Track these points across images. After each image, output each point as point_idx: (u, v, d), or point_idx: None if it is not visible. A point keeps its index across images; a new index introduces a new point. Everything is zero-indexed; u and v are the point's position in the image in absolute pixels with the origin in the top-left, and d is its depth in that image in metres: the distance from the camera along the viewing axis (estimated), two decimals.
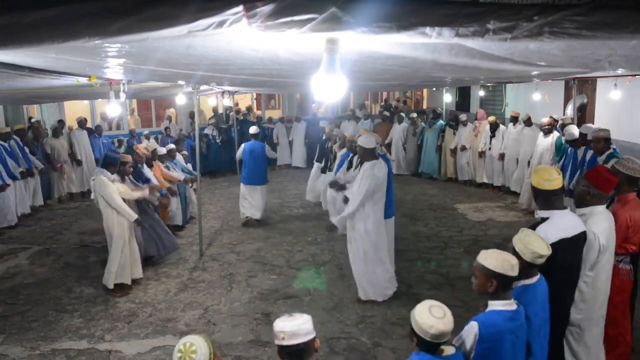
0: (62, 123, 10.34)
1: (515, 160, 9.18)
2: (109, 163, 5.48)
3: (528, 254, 2.55)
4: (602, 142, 5.57)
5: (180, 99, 9.77)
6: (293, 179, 12.07)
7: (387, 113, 13.45)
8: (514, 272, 2.37)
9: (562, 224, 2.89)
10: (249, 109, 15.00)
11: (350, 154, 6.84)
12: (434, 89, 15.72)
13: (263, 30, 1.65)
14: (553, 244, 2.71)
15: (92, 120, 12.47)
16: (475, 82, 8.43)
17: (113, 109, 6.03)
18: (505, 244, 2.79)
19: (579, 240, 2.96)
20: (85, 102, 12.55)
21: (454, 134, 10.78)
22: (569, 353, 3.22)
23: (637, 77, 6.56)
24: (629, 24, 1.63)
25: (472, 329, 2.36)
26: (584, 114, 9.13)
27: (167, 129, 11.69)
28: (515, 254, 2.53)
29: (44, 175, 9.37)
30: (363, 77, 4.67)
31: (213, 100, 13.02)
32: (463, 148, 10.47)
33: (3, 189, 7.74)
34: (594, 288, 3.13)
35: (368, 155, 5.02)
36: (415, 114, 12.35)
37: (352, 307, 5.10)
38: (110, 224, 5.35)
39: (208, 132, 12.25)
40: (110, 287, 5.46)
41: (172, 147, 8.21)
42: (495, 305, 2.41)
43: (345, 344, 4.40)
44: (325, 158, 8.51)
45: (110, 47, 2.52)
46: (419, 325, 2.17)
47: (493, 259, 2.38)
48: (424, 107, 17.36)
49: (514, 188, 9.28)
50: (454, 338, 2.45)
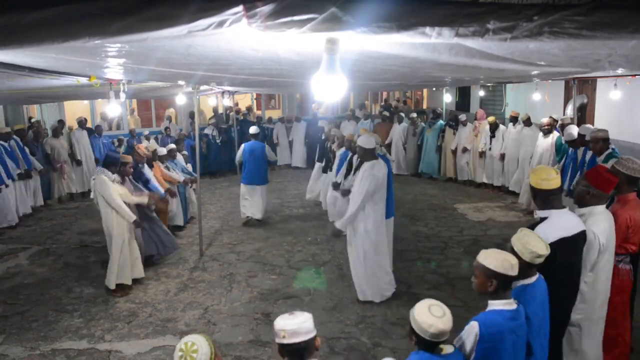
0: (62, 123, 10.35)
1: (516, 161, 9.18)
2: (110, 163, 5.48)
3: (527, 254, 2.55)
4: (600, 142, 5.56)
5: (180, 99, 9.76)
6: (293, 179, 12.07)
7: (387, 113, 13.42)
8: (514, 271, 2.37)
9: (561, 224, 2.89)
10: (249, 109, 14.99)
11: (349, 153, 6.84)
12: (434, 89, 15.70)
13: (263, 30, 1.65)
14: (552, 244, 2.71)
15: (92, 120, 12.47)
16: (475, 82, 8.42)
17: (113, 109, 6.03)
18: (505, 244, 2.78)
19: (579, 240, 2.95)
20: (85, 102, 12.54)
21: (454, 134, 10.76)
22: (569, 353, 3.22)
23: (637, 77, 6.55)
24: (629, 24, 1.63)
25: (472, 329, 2.36)
26: (584, 114, 9.11)
27: (167, 129, 11.68)
28: (514, 254, 2.53)
29: (44, 176, 9.38)
30: (363, 76, 4.67)
31: (213, 100, 13.01)
32: (464, 150, 10.44)
33: None
34: (594, 288, 3.13)
35: (367, 156, 5.03)
36: (415, 114, 12.34)
37: (352, 307, 5.11)
38: (110, 224, 5.36)
39: (208, 132, 12.25)
40: (112, 287, 5.46)
41: (172, 147, 8.22)
42: (496, 305, 2.42)
43: (345, 344, 4.41)
44: (326, 158, 8.51)
45: (110, 47, 2.52)
46: (419, 324, 2.17)
47: (493, 259, 2.38)
48: (424, 107, 17.34)
49: (513, 188, 9.28)
50: (455, 338, 2.45)
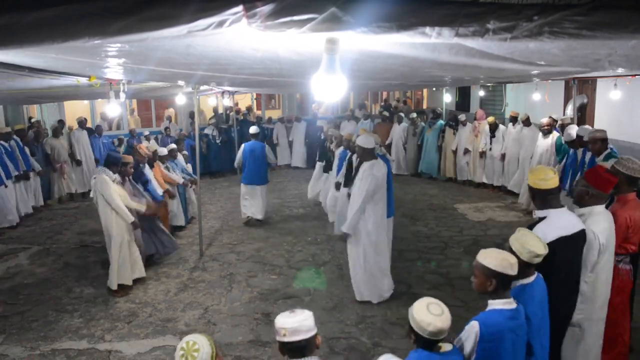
0: (62, 123, 10.35)
1: (516, 161, 9.17)
2: (111, 162, 5.48)
3: (525, 254, 2.55)
4: (598, 143, 5.56)
5: (180, 99, 9.76)
6: (293, 179, 12.07)
7: (386, 113, 13.41)
8: (514, 271, 2.38)
9: (559, 223, 2.89)
10: (249, 109, 14.98)
11: (348, 153, 6.84)
12: (434, 89, 15.70)
13: (263, 30, 1.65)
14: (551, 243, 2.71)
15: (92, 120, 12.47)
16: (475, 81, 8.42)
17: (113, 109, 6.03)
18: (505, 244, 2.79)
19: (578, 239, 2.95)
20: (85, 102, 12.55)
21: (454, 134, 10.75)
22: (569, 353, 3.22)
23: (637, 77, 6.55)
24: (629, 24, 1.63)
25: (473, 329, 2.36)
26: (584, 114, 9.11)
27: (167, 129, 11.69)
28: (512, 254, 2.54)
29: (44, 176, 9.38)
30: (363, 76, 4.66)
31: (213, 100, 13.01)
32: (466, 151, 10.40)
33: None
34: (594, 288, 3.13)
35: (367, 155, 5.03)
36: (415, 114, 12.33)
37: (352, 307, 5.11)
38: (109, 224, 5.35)
39: (208, 132, 12.25)
40: (114, 288, 5.46)
41: (173, 146, 8.22)
42: (495, 304, 2.42)
43: (345, 344, 4.41)
44: (326, 158, 8.52)
45: (110, 47, 2.52)
46: (417, 323, 2.17)
47: (492, 258, 2.38)
48: (424, 107, 17.34)
49: (512, 188, 9.28)
50: (455, 339, 2.45)
